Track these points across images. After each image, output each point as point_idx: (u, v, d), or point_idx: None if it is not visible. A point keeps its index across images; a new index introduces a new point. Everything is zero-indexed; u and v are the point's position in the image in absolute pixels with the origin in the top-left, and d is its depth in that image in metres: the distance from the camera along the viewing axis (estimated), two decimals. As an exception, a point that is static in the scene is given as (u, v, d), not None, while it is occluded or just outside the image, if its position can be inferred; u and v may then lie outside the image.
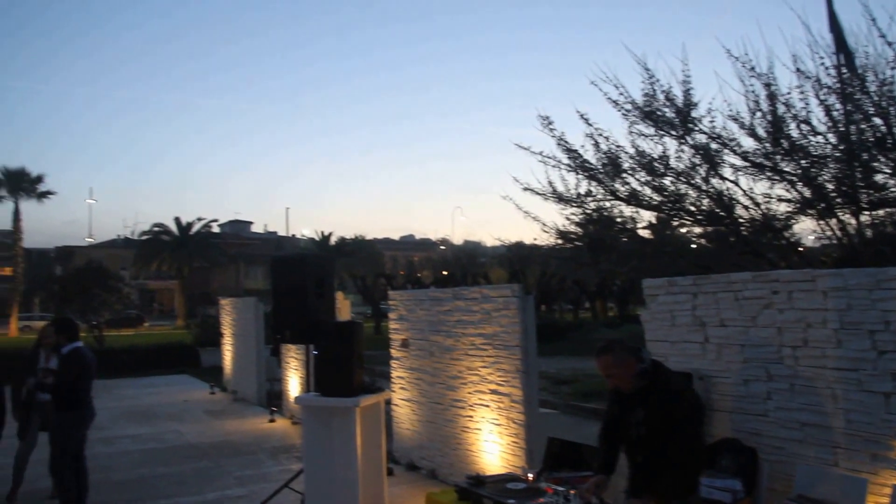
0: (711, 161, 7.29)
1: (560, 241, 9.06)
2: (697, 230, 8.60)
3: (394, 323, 8.54)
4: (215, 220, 54.94)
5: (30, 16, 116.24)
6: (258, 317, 13.74)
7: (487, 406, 6.82)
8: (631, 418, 3.90)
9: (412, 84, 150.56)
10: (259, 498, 7.20)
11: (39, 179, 44.03)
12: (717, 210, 7.46)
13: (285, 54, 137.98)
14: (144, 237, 52.09)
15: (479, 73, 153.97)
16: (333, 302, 6.79)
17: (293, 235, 70.69)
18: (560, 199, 8.25)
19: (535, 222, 8.59)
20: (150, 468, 8.89)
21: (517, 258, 34.42)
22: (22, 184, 43.27)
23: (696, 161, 7.42)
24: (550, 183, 8.26)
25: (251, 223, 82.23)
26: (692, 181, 7.51)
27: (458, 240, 70.11)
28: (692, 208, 7.67)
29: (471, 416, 7.07)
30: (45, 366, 7.32)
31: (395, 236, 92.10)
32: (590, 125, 7.88)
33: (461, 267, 40.39)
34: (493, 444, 6.73)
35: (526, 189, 8.38)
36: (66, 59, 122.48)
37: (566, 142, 8.04)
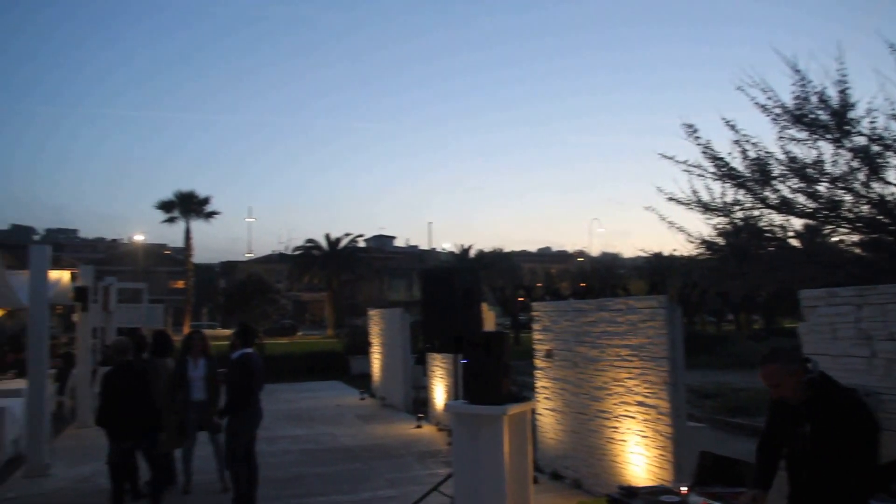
0: (872, 164, 6.78)
1: (704, 252, 8.71)
2: (854, 238, 8.01)
3: (538, 334, 8.51)
4: (361, 236, 57.04)
5: (206, 61, 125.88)
6: (404, 327, 14.08)
7: (633, 417, 6.65)
8: (796, 432, 3.63)
9: (549, 96, 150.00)
10: (409, 500, 7.36)
11: (206, 201, 47.33)
12: (879, 216, 6.93)
13: (427, 81, 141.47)
14: (297, 252, 54.71)
15: (619, 82, 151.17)
16: (480, 313, 6.86)
17: (434, 249, 72.10)
18: (706, 208, 7.96)
19: (680, 232, 8.32)
20: (309, 467, 9.31)
21: (656, 269, 33.34)
22: (192, 205, 46.65)
23: (855, 165, 6.93)
24: (695, 192, 7.99)
25: (394, 238, 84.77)
26: (850, 186, 7.02)
27: (595, 251, 68.87)
28: (850, 215, 7.17)
29: (616, 427, 6.92)
30: (194, 372, 7.90)
31: (532, 249, 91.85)
32: (736, 132, 7.56)
33: (599, 279, 39.60)
34: (639, 456, 6.55)
35: (670, 199, 8.14)
36: (234, 93, 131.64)
37: (712, 150, 7.75)
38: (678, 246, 10.32)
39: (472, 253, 57.99)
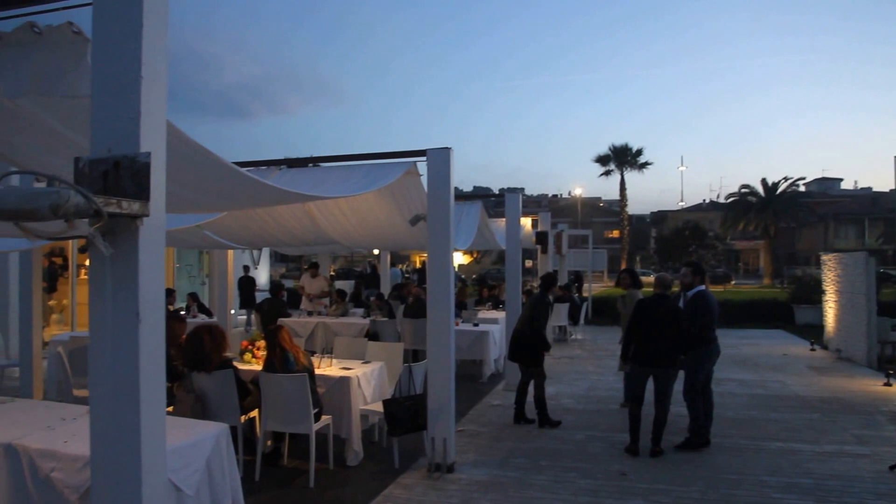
0: None
1: None
2: None
3: None
4: (802, 179, 51.49)
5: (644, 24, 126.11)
6: (869, 273, 12.31)
7: None
8: None
9: None
10: (886, 460, 6.49)
11: (640, 153, 47.77)
12: None
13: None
14: (731, 199, 51.78)
15: None
16: None
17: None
18: None
19: None
20: (760, 412, 8.82)
21: None
22: (626, 157, 47.58)
23: None
24: None
25: (840, 180, 74.86)
26: None
27: None
28: None
29: None
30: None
31: None
32: None
33: None
34: None
35: None
36: (663, 47, 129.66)
37: None
38: None
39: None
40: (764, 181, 49.54)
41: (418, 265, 47.69)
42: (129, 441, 2.36)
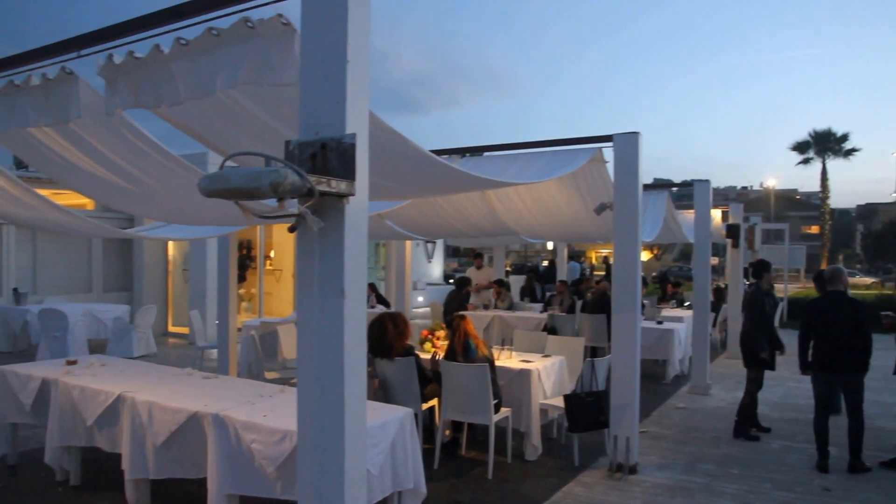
0: None
1: None
2: None
3: None
4: None
5: None
6: None
7: None
8: None
9: None
10: None
11: (844, 138, 43.56)
12: None
13: None
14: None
15: None
16: None
17: None
18: None
19: None
20: None
21: None
22: (828, 144, 43.60)
23: None
24: None
25: None
26: None
27: None
28: None
29: None
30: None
31: None
32: None
33: None
34: None
35: None
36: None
37: None
38: None
39: None
40: None
41: (594, 261, 46.84)
42: (334, 410, 2.51)
